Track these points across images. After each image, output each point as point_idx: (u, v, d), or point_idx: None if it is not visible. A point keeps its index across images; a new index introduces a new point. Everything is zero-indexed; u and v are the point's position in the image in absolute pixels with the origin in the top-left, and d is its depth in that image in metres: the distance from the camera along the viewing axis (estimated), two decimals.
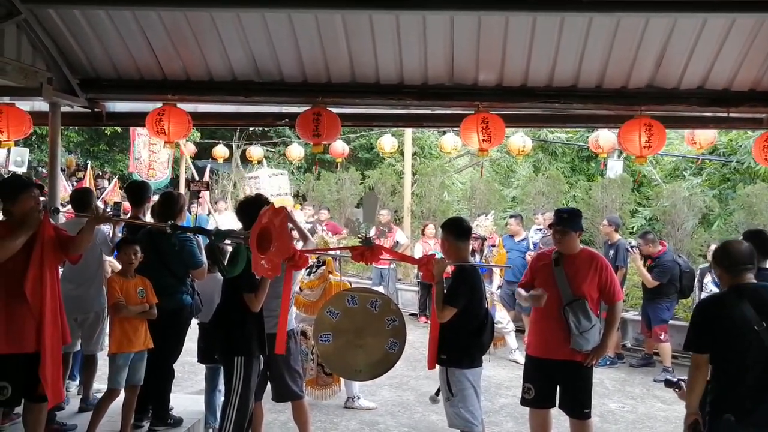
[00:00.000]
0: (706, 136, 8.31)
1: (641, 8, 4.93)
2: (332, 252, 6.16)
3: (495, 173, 16.95)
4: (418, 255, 9.96)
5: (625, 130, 5.73)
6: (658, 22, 5.15)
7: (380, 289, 9.67)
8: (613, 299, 4.97)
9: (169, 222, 4.48)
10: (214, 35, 5.49)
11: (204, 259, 5.28)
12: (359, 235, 4.71)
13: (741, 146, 11.94)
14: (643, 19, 5.13)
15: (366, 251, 4.34)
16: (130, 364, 4.90)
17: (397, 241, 12.30)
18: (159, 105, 5.99)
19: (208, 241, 4.76)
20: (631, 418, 6.97)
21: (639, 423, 6.81)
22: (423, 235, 11.90)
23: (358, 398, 6.94)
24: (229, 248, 4.84)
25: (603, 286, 4.90)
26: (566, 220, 4.98)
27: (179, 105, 6.00)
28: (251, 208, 4.68)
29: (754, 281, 3.76)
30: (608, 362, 8.99)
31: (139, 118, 6.38)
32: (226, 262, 4.51)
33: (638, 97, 5.78)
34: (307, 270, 6.26)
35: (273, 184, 11.00)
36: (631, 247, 8.95)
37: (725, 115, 5.83)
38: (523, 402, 5.16)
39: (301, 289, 6.15)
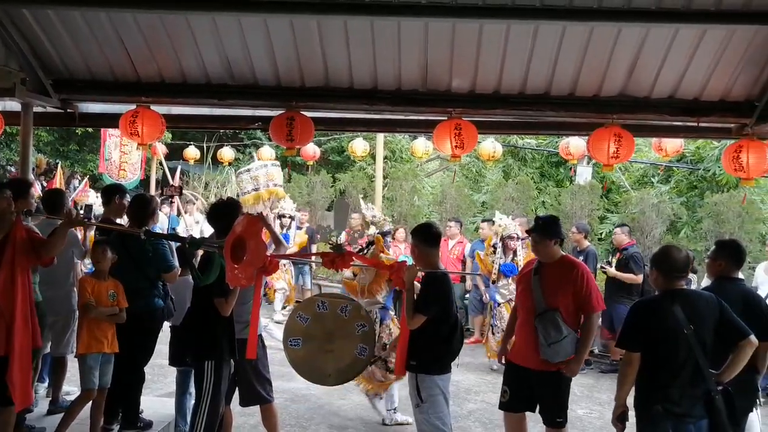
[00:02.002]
0: (673, 144, 8.46)
1: (614, 18, 4.98)
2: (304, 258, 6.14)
3: (465, 178, 17.03)
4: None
5: (595, 139, 5.80)
6: (630, 32, 5.22)
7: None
8: (589, 310, 4.81)
9: (144, 228, 4.45)
10: (189, 38, 5.47)
11: (176, 262, 5.24)
12: (330, 242, 4.71)
13: (708, 155, 12.15)
14: (615, 29, 5.20)
15: (337, 258, 4.34)
16: (99, 367, 4.86)
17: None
18: (133, 107, 5.94)
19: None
20: (599, 424, 7.04)
21: (606, 429, 6.86)
22: (393, 239, 11.91)
23: (395, 411, 6.68)
24: (200, 251, 4.80)
25: (578, 296, 4.77)
26: (540, 227, 4.96)
27: (153, 107, 5.95)
28: (223, 212, 4.66)
29: (686, 287, 4.08)
30: (590, 365, 9.16)
31: (112, 120, 6.31)
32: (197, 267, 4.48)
33: (610, 106, 5.83)
34: (359, 251, 6.24)
35: (265, 174, 10.91)
36: (601, 268, 9.12)
37: (695, 124, 5.91)
38: (500, 405, 5.15)
39: (354, 274, 6.04)
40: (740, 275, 4.94)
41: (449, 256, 10.83)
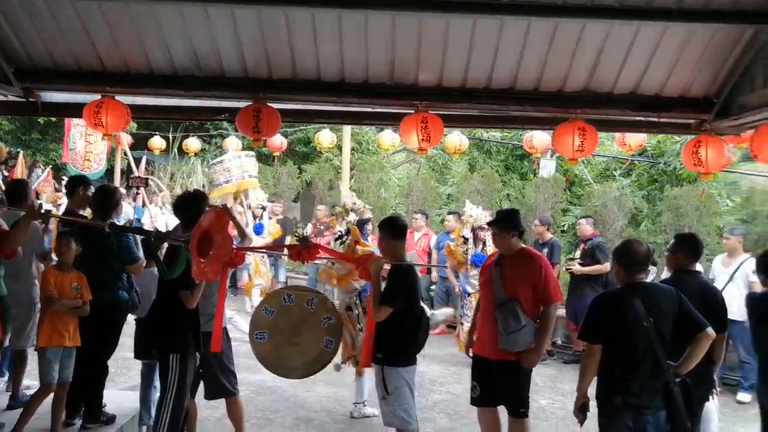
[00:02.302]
0: (636, 138, 8.62)
1: (578, 14, 5.01)
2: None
3: (431, 170, 17.09)
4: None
5: (559, 133, 5.87)
6: (594, 28, 5.27)
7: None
8: (546, 301, 4.92)
9: (108, 221, 4.41)
10: (156, 28, 5.39)
11: (141, 254, 5.20)
12: (296, 234, 4.72)
13: (669, 149, 12.36)
14: (579, 25, 5.25)
15: (303, 250, 4.36)
16: (60, 360, 4.80)
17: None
18: (97, 97, 5.82)
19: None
20: (561, 414, 7.17)
21: (569, 419, 6.97)
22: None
23: (364, 405, 6.77)
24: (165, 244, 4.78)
25: (537, 287, 4.89)
26: (498, 220, 5.12)
27: (118, 97, 5.84)
28: (189, 203, 4.64)
29: (646, 280, 4.19)
30: (553, 356, 9.31)
31: (76, 109, 6.17)
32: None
33: (574, 101, 5.89)
34: (336, 241, 6.29)
35: (239, 165, 10.83)
36: (567, 269, 9.30)
37: (656, 120, 5.99)
38: (471, 401, 5.24)
39: (332, 263, 6.01)
40: (699, 267, 5.07)
41: (415, 248, 10.90)
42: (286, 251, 4.64)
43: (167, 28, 5.38)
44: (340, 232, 6.61)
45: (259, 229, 10.71)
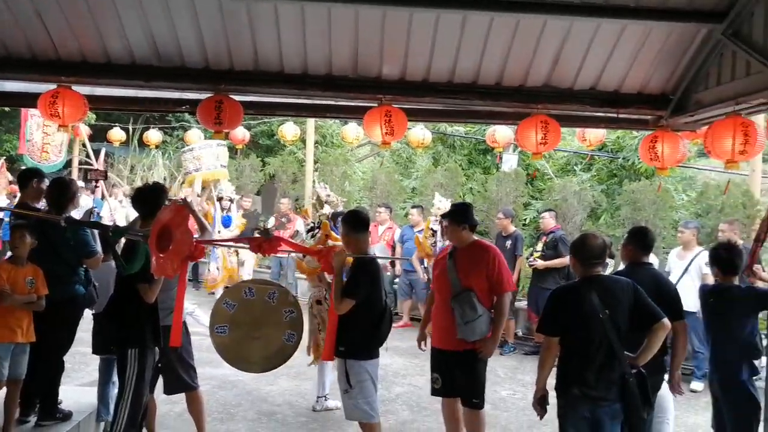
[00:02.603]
0: (596, 134, 8.74)
1: (539, 10, 5.07)
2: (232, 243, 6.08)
3: (395, 164, 17.12)
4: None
5: (523, 128, 5.92)
6: (555, 24, 5.33)
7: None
8: (500, 290, 5.07)
9: (64, 215, 4.32)
10: (113, 16, 5.26)
11: (98, 247, 5.12)
12: (258, 226, 4.69)
13: (628, 144, 12.56)
14: (541, 21, 5.30)
15: (264, 242, 4.34)
16: (12, 357, 4.68)
17: (297, 231, 12.26)
18: (53, 86, 5.67)
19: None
20: (522, 405, 7.25)
21: (528, 409, 6.99)
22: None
23: (326, 399, 6.76)
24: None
25: (490, 277, 5.02)
26: (451, 213, 5.28)
27: (75, 87, 5.71)
28: (148, 196, 4.58)
29: (603, 273, 4.22)
30: (513, 349, 9.42)
31: (30, 99, 6.01)
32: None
33: (535, 96, 5.94)
34: (308, 233, 6.23)
35: (210, 154, 10.69)
36: (530, 265, 9.42)
37: (615, 115, 6.12)
38: (432, 392, 5.32)
39: (303, 256, 5.93)
40: (655, 259, 5.16)
41: (379, 241, 10.93)
42: (247, 244, 4.56)
43: (125, 16, 5.27)
44: (312, 223, 6.57)
45: (227, 222, 10.65)
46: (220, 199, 10.90)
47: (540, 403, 4.24)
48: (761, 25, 4.66)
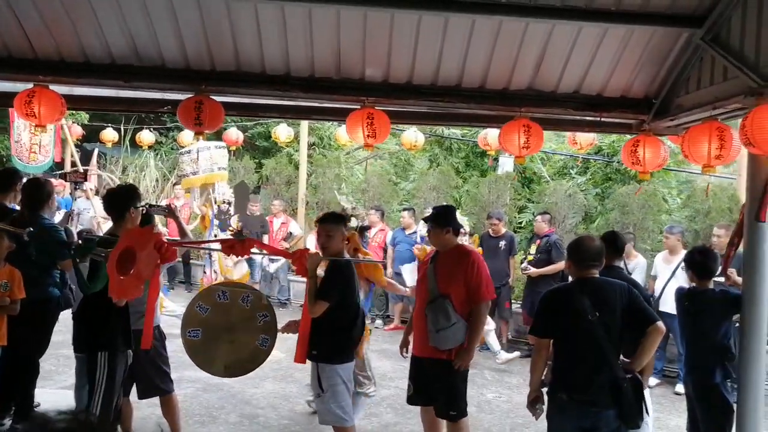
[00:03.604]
0: (587, 137, 8.68)
1: (520, 13, 5.05)
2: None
3: (394, 166, 17.08)
4: (311, 246, 9.93)
5: (506, 131, 5.88)
6: (536, 28, 5.29)
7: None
8: (477, 299, 4.86)
9: (28, 230, 4.29)
10: (90, 14, 5.22)
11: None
12: (230, 228, 4.63)
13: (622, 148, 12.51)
14: (522, 24, 5.27)
15: (237, 244, 4.29)
16: None
17: (291, 232, 12.26)
18: (29, 86, 5.63)
19: (76, 232, 4.59)
20: (506, 408, 7.22)
21: (513, 412, 7.05)
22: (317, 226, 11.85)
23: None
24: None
25: (468, 284, 4.85)
26: (433, 217, 5.13)
27: (52, 87, 5.66)
28: (118, 199, 4.55)
29: (597, 276, 4.15)
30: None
31: (6, 99, 5.98)
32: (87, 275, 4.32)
33: (519, 99, 5.91)
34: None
35: (208, 157, 10.65)
36: (523, 271, 9.40)
37: (598, 119, 6.07)
38: (407, 400, 5.26)
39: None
40: (644, 262, 5.05)
41: (371, 243, 10.90)
42: (219, 245, 4.53)
43: (102, 14, 5.22)
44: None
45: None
46: (222, 203, 10.86)
47: (533, 405, 4.20)
48: (738, 31, 4.63)
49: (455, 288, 4.84)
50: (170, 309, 8.94)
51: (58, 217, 6.34)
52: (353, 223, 6.36)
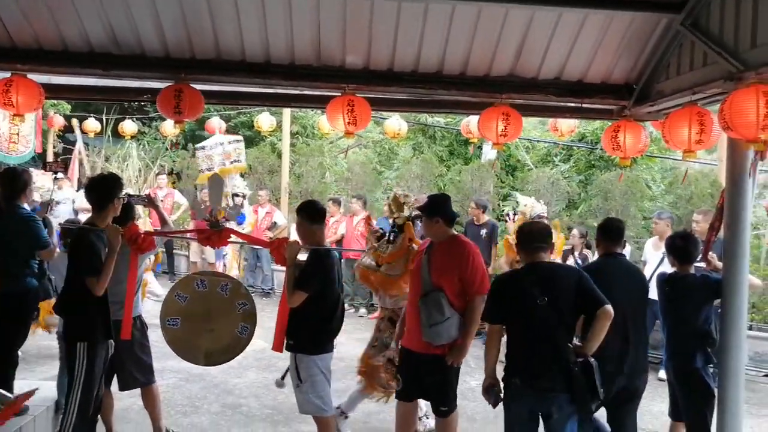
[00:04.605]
0: (568, 124, 8.70)
1: None
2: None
3: (378, 155, 17.03)
4: (294, 236, 9.90)
5: (485, 118, 5.87)
6: (517, 14, 5.28)
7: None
8: (472, 293, 4.62)
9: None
10: (68, 2, 5.15)
11: (52, 238, 5.04)
12: (207, 218, 4.57)
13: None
14: (503, 10, 5.25)
15: (213, 234, 4.26)
16: None
17: (275, 222, 12.20)
18: (7, 74, 5.54)
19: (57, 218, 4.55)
20: None
21: None
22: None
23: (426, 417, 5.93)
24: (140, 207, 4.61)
25: (462, 277, 4.63)
26: (424, 206, 4.95)
27: (30, 75, 5.58)
28: (98, 187, 4.50)
29: (547, 260, 4.18)
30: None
31: None
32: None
33: (500, 86, 5.89)
34: (379, 239, 5.54)
35: (221, 152, 10.60)
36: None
37: (579, 105, 6.09)
38: (396, 394, 5.07)
39: (378, 265, 5.39)
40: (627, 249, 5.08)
41: (354, 232, 10.90)
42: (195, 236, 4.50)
43: (80, 2, 5.16)
44: (381, 230, 5.90)
45: (241, 220, 10.62)
46: (234, 196, 10.81)
47: (488, 392, 4.16)
48: (717, 16, 4.64)
49: (449, 280, 4.63)
50: (152, 290, 8.86)
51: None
52: (405, 212, 5.89)
